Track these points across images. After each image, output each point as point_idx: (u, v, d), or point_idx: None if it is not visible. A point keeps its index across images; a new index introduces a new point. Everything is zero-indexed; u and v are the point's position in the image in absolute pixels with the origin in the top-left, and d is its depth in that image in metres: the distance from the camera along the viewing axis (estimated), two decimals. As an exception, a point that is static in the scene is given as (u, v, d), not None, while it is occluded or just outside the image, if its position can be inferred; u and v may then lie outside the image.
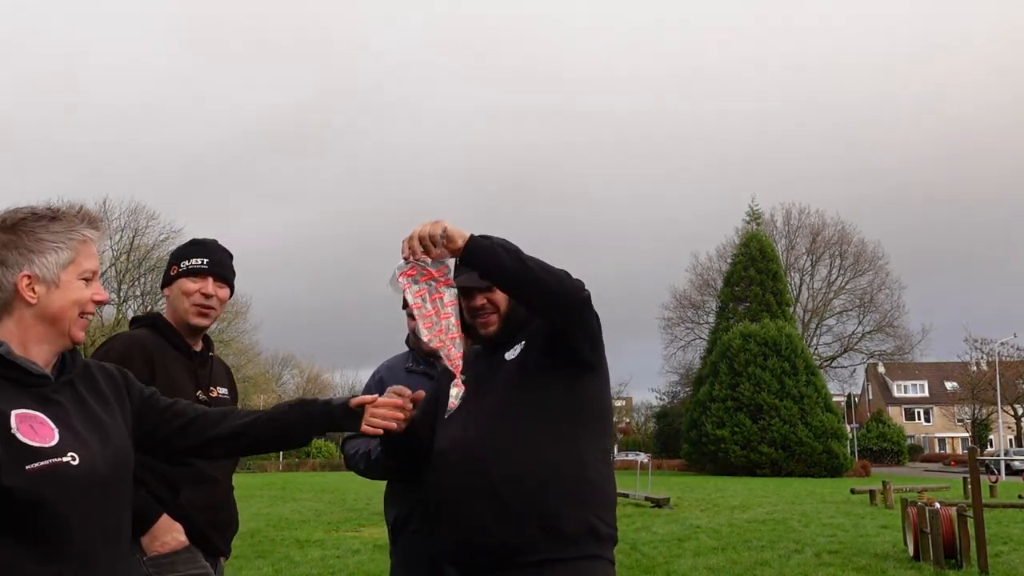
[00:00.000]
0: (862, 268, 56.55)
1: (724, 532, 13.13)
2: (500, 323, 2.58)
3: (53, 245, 1.84)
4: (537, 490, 2.33)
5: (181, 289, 2.80)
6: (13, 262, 1.81)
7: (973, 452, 10.12)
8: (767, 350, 40.64)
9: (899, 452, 60.44)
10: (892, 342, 57.14)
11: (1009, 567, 9.42)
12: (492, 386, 2.49)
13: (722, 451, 39.64)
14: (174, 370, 2.72)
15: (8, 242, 1.82)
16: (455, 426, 2.48)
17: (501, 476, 2.34)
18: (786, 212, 56.86)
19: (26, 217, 1.85)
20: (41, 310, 1.82)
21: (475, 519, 2.36)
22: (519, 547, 2.32)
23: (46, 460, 1.69)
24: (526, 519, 2.31)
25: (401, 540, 3.19)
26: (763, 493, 23.34)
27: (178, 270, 2.83)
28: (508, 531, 2.32)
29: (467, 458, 2.40)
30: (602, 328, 2.48)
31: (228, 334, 46.30)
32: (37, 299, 1.82)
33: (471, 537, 2.37)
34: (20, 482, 1.66)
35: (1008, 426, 60.82)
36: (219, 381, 2.89)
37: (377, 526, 13.60)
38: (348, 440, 3.32)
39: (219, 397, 2.84)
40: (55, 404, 1.79)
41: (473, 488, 2.36)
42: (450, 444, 2.48)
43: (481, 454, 2.38)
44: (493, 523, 2.33)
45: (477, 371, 2.59)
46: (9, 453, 1.66)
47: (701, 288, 55.52)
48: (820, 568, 9.46)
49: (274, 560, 9.94)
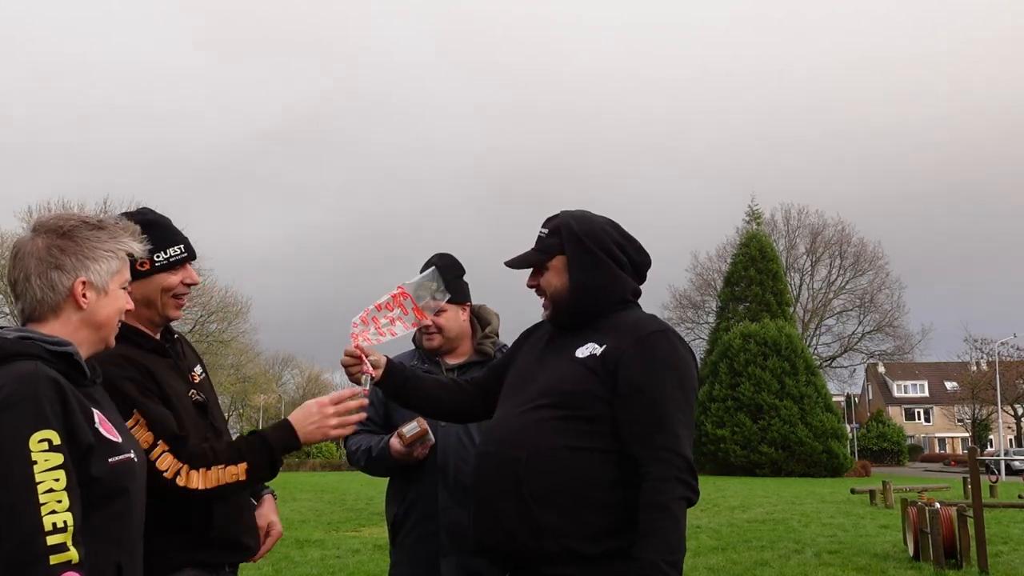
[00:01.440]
0: (862, 268, 56.57)
1: (724, 532, 13.12)
2: (553, 308, 2.44)
3: (106, 254, 1.95)
4: (567, 505, 2.21)
5: (161, 285, 2.47)
6: (70, 267, 1.90)
7: (973, 452, 10.12)
8: (767, 350, 40.61)
9: (899, 452, 60.45)
10: (892, 342, 57.15)
11: (1009, 567, 9.42)
12: (547, 380, 2.34)
13: (722, 451, 39.61)
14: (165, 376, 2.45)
15: (66, 248, 1.91)
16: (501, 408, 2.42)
17: (532, 485, 2.23)
18: (786, 212, 56.94)
19: (79, 225, 1.94)
20: (89, 316, 1.92)
21: (499, 521, 2.27)
22: (539, 559, 2.24)
23: (121, 455, 1.82)
24: (550, 533, 2.21)
25: (401, 537, 3.20)
26: (763, 493, 23.33)
27: (151, 265, 2.45)
28: (530, 541, 2.23)
29: (504, 459, 2.29)
30: None
31: (228, 334, 46.30)
32: (87, 305, 1.91)
33: (493, 538, 2.31)
34: (105, 473, 1.77)
35: (1008, 426, 60.81)
36: (192, 363, 2.65)
37: (377, 526, 13.59)
38: (350, 436, 3.33)
39: (201, 381, 2.62)
40: (100, 405, 1.88)
41: (506, 491, 2.26)
42: (489, 432, 2.41)
43: (517, 454, 2.26)
44: (516, 529, 2.24)
45: (539, 350, 2.48)
46: (98, 445, 1.78)
47: (701, 288, 55.53)
48: (820, 568, 9.46)
49: (274, 560, 9.93)
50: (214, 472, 2.27)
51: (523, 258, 2.46)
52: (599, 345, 2.31)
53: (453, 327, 3.23)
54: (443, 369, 3.25)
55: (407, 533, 3.17)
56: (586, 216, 2.47)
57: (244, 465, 2.32)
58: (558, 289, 2.41)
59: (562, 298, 2.41)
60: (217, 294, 44.86)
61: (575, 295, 2.38)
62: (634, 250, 2.47)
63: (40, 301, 1.89)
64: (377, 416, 3.29)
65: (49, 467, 1.66)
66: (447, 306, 3.17)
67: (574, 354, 2.34)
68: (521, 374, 2.47)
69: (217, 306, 45.19)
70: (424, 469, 3.11)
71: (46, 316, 1.90)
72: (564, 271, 2.40)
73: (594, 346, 2.32)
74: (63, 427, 1.71)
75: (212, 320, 45.14)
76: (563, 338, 2.42)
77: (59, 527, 1.63)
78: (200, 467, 2.25)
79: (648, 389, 2.23)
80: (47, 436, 1.67)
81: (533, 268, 2.46)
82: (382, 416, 3.29)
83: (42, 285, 1.88)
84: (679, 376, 2.28)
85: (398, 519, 3.20)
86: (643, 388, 2.24)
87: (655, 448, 2.18)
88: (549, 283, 2.42)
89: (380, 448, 3.12)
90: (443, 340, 3.22)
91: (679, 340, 2.35)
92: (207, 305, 43.80)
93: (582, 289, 2.38)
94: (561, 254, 2.41)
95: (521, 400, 2.37)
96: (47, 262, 1.89)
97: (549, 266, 2.42)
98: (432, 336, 3.21)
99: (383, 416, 3.28)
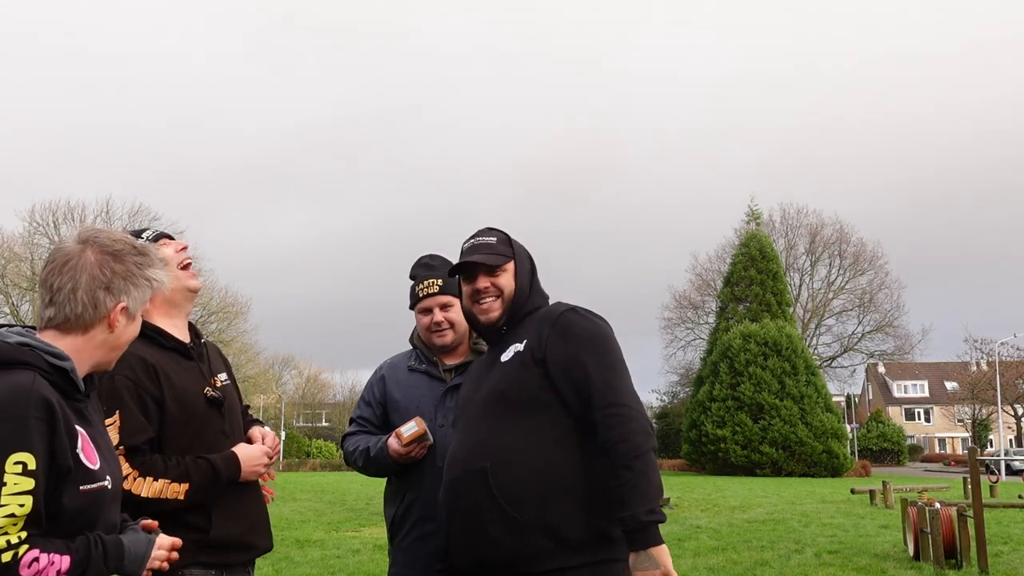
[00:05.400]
0: (862, 268, 56.55)
1: (724, 532, 13.13)
2: (503, 310, 2.63)
3: (144, 283, 1.97)
4: (541, 500, 2.32)
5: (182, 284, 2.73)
6: (117, 290, 1.93)
7: (973, 452, 10.11)
8: (767, 350, 40.61)
9: (899, 452, 60.44)
10: (892, 342, 57.12)
11: (1009, 567, 9.41)
12: (487, 390, 2.52)
13: (722, 451, 39.62)
14: (178, 373, 2.63)
15: (116, 270, 1.94)
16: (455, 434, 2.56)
17: (503, 489, 2.34)
18: (784, 211, 56.92)
19: (128, 249, 1.96)
20: (115, 339, 1.94)
21: (482, 533, 2.35)
22: (530, 558, 2.31)
23: (95, 484, 1.82)
24: (533, 530, 2.30)
25: (400, 538, 3.19)
26: (763, 493, 23.33)
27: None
28: (517, 544, 2.31)
29: (468, 472, 2.41)
30: None
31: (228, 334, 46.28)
32: (116, 329, 1.93)
33: (481, 551, 2.36)
34: (73, 502, 1.77)
35: (1008, 426, 60.78)
36: (218, 368, 2.83)
37: (377, 526, 13.60)
38: (347, 437, 3.33)
39: (224, 386, 2.78)
40: (87, 422, 1.89)
41: (478, 502, 2.36)
42: (450, 456, 2.53)
43: (481, 465, 2.39)
44: (501, 536, 2.32)
45: (477, 372, 2.67)
46: (75, 473, 1.78)
47: (701, 288, 55.51)
48: (820, 568, 9.46)
49: (274, 560, 9.93)
50: (160, 484, 2.44)
51: (492, 260, 2.64)
52: (520, 343, 2.52)
53: (462, 322, 3.17)
54: (441, 369, 3.25)
55: (406, 533, 3.16)
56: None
57: (186, 486, 2.48)
58: (511, 291, 2.64)
59: (513, 299, 2.63)
60: (217, 294, 44.91)
61: (520, 296, 2.64)
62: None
63: (78, 316, 1.89)
64: (375, 417, 3.28)
65: (17, 491, 1.67)
66: (454, 300, 3.16)
67: (500, 360, 2.55)
68: (464, 397, 2.69)
69: (217, 306, 45.22)
70: (423, 470, 3.11)
71: (74, 330, 1.90)
72: (513, 276, 2.66)
73: (516, 345, 2.53)
74: (45, 450, 1.72)
75: (212, 320, 45.14)
76: (490, 355, 2.65)
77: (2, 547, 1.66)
78: (147, 476, 2.43)
79: (579, 358, 2.41)
80: (23, 459, 1.68)
81: (489, 270, 2.64)
82: (380, 417, 3.28)
83: (86, 301, 1.88)
84: (600, 338, 2.48)
85: (397, 519, 3.19)
86: (574, 359, 2.42)
87: (604, 408, 2.33)
88: (506, 284, 2.64)
89: (378, 448, 3.11)
90: (455, 335, 3.19)
91: (588, 311, 2.57)
92: (207, 305, 43.83)
93: (525, 292, 2.65)
94: (512, 260, 2.68)
95: (469, 418, 2.54)
96: (99, 280, 1.89)
97: (505, 269, 2.66)
98: (444, 332, 3.18)
99: (381, 417, 3.28)
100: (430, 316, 3.19)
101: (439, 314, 3.17)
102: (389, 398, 3.27)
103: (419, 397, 3.20)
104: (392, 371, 3.32)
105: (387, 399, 3.28)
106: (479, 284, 2.62)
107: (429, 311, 3.19)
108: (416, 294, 3.22)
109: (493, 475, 2.34)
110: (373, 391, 3.33)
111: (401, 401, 3.23)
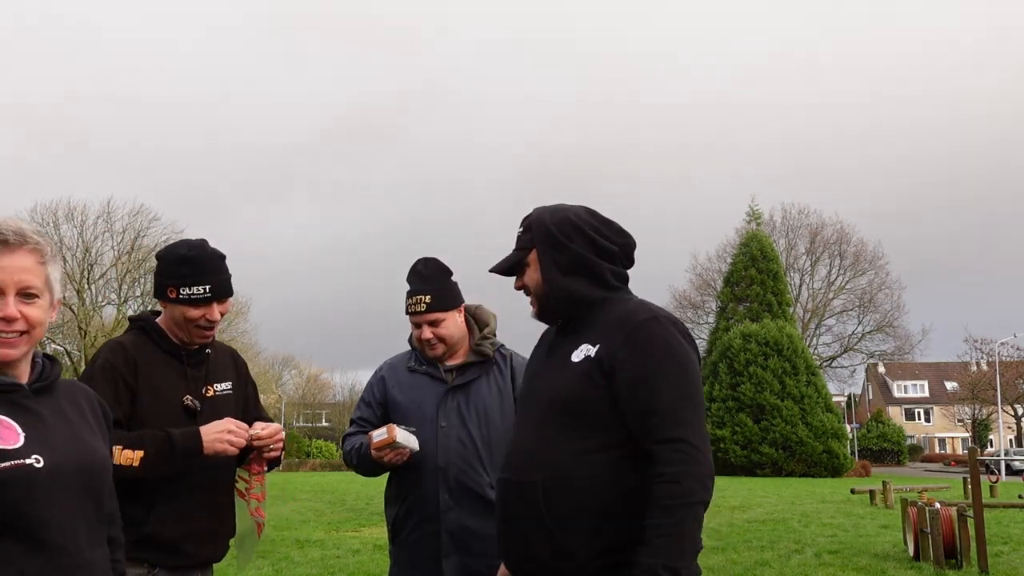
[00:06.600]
0: (862, 268, 56.56)
1: (724, 532, 13.13)
2: (539, 305, 2.36)
3: None
4: (591, 525, 2.12)
5: (184, 315, 2.70)
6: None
7: (973, 452, 10.11)
8: (768, 350, 40.60)
9: (899, 452, 60.47)
10: (892, 342, 57.14)
11: (1009, 567, 9.42)
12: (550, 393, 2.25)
13: (722, 451, 39.58)
14: (161, 374, 2.69)
15: None
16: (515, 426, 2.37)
17: (551, 509, 2.14)
18: (784, 211, 56.94)
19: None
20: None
21: (531, 550, 2.19)
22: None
23: (8, 462, 1.78)
24: (579, 556, 2.13)
25: (402, 538, 3.20)
26: (763, 493, 23.32)
27: (177, 295, 2.70)
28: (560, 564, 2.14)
29: (519, 483, 2.22)
30: None
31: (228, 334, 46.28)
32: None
33: (524, 567, 2.24)
34: None
35: (1008, 426, 60.80)
36: (220, 377, 2.83)
37: (377, 526, 13.60)
38: (347, 437, 3.34)
39: (217, 395, 2.79)
40: (26, 410, 1.86)
41: (525, 515, 2.19)
42: (507, 456, 2.32)
43: (533, 479, 2.18)
44: (545, 560, 2.16)
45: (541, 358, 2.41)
46: None
47: (700, 288, 55.53)
48: (820, 568, 9.46)
49: (274, 560, 9.94)
50: (115, 450, 2.42)
51: (505, 262, 2.39)
52: (593, 346, 2.22)
53: (454, 334, 3.22)
54: (442, 370, 3.25)
55: (408, 534, 3.16)
56: (558, 207, 2.37)
57: (140, 453, 2.50)
58: (539, 283, 2.33)
59: (543, 292, 2.33)
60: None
61: (549, 285, 2.30)
62: (614, 232, 2.36)
63: None
64: (375, 417, 3.29)
65: None
66: (444, 315, 3.17)
67: (570, 359, 2.24)
68: (528, 385, 2.41)
69: (217, 306, 45.17)
70: (424, 470, 3.11)
71: None
72: (538, 268, 2.33)
73: (588, 347, 2.22)
74: None
75: (212, 320, 45.12)
76: (560, 340, 2.34)
77: None
78: None
79: (647, 382, 2.12)
80: None
81: (516, 269, 2.38)
82: (380, 418, 3.28)
83: None
84: (677, 362, 2.15)
85: (399, 520, 3.20)
86: (642, 382, 2.12)
87: (665, 442, 2.07)
88: (532, 279, 2.34)
89: (367, 448, 3.12)
90: (445, 348, 3.22)
91: (672, 323, 2.22)
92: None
93: (554, 279, 2.30)
94: (534, 247, 2.34)
95: (529, 417, 2.30)
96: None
97: (528, 262, 2.34)
98: (435, 346, 3.20)
99: (381, 418, 3.28)
100: (420, 330, 3.20)
101: (427, 331, 3.17)
102: (390, 399, 3.27)
103: (420, 398, 3.20)
104: (392, 372, 3.32)
105: (388, 400, 3.28)
106: (516, 285, 2.40)
107: (419, 325, 3.21)
108: (406, 307, 3.23)
109: (544, 493, 2.15)
110: (373, 392, 3.33)
111: (402, 402, 3.23)
